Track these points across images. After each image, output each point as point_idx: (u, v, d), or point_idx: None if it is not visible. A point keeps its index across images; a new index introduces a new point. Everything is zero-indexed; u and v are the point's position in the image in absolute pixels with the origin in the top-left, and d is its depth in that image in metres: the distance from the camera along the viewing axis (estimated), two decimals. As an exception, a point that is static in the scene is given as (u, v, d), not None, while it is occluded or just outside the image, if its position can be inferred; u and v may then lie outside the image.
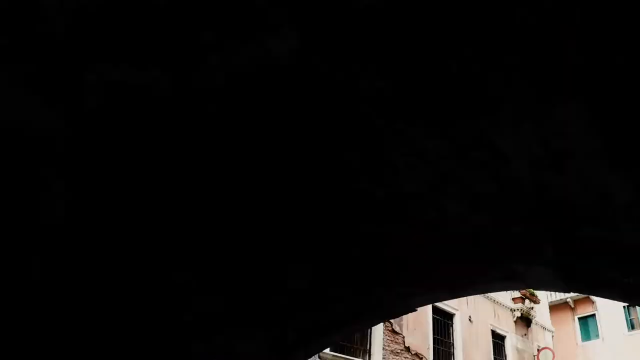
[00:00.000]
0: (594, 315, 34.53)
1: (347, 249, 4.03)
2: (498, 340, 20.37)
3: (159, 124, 2.55)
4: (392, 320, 13.98)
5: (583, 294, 4.83)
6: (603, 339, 33.65)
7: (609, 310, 33.49)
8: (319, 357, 11.28)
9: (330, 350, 11.76)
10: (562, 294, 34.31)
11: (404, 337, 14.35)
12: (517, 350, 21.79)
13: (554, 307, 30.93)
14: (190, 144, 2.70)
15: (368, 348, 13.26)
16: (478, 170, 2.64)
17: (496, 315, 20.53)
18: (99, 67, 2.22)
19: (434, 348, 15.67)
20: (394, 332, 14.02)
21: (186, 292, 4.35)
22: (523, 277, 4.46)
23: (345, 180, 2.97)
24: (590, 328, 34.57)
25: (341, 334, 6.31)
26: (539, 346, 24.15)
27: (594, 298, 33.90)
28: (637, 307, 32.77)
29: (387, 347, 13.61)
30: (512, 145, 2.35)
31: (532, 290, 23.40)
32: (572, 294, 33.09)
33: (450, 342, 17.01)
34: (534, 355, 23.48)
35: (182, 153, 2.80)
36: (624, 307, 33.13)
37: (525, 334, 23.08)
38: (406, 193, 2.96)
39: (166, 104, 2.41)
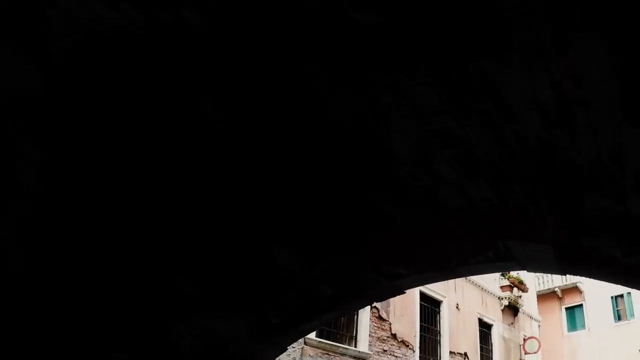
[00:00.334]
0: (581, 305, 34.65)
1: (332, 225, 3.77)
2: (485, 329, 20.23)
3: (134, 73, 2.27)
4: (378, 307, 13.76)
5: (578, 275, 4.58)
6: (589, 329, 33.79)
7: (596, 301, 33.63)
8: (305, 342, 11.05)
9: (316, 336, 11.52)
10: (550, 283, 34.39)
11: (390, 324, 14.14)
12: (504, 339, 21.68)
13: (542, 297, 30.93)
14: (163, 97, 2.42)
15: (354, 334, 13.04)
16: (478, 128, 2.37)
17: (484, 303, 20.38)
18: (62, 3, 1.94)
19: (420, 335, 15.48)
20: (380, 318, 13.80)
21: (165, 270, 4.09)
22: (518, 257, 4.21)
23: (330, 145, 2.71)
24: (577, 318, 34.71)
25: (327, 318, 6.05)
26: (525, 335, 24.07)
27: (582, 288, 34.05)
28: (624, 298, 32.94)
29: (373, 334, 13.40)
30: (520, 94, 2.08)
31: (520, 278, 23.33)
32: (560, 284, 33.38)
33: (437, 330, 16.83)
34: (520, 345, 23.40)
35: (156, 116, 2.54)
36: (611, 297, 33.27)
37: (512, 323, 22.98)
38: (397, 155, 2.68)
39: (141, 46, 2.13)
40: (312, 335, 11.33)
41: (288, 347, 10.65)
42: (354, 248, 4.09)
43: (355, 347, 12.78)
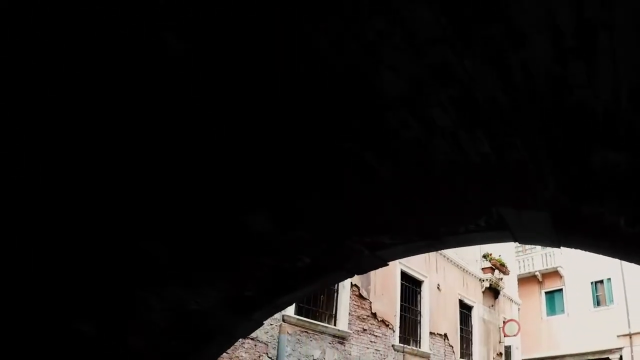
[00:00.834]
0: (561, 290, 34.89)
1: (309, 180, 3.45)
2: (465, 310, 20.10)
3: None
4: (359, 285, 13.51)
5: (574, 247, 4.29)
6: (568, 314, 34.06)
7: (576, 286, 33.90)
8: (283, 319, 10.77)
9: (295, 314, 11.26)
10: (531, 267, 34.49)
11: (370, 303, 13.89)
12: (484, 321, 21.59)
13: (522, 280, 30.99)
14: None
15: (334, 313, 12.77)
16: (480, 62, 2.05)
17: (465, 285, 20.23)
18: None
19: (400, 315, 15.25)
20: (360, 297, 13.55)
21: (132, 235, 3.76)
22: (511, 225, 3.91)
23: (309, 84, 2.37)
24: (557, 303, 34.97)
25: (305, 291, 5.76)
26: (505, 318, 24.04)
27: (562, 272, 34.24)
28: (604, 284, 33.16)
29: (353, 313, 13.14)
30: (533, 16, 1.75)
31: (502, 260, 23.23)
32: (541, 268, 33.44)
33: (418, 310, 16.62)
34: (500, 327, 23.36)
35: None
36: (591, 283, 33.54)
37: (492, 305, 22.91)
38: (384, 96, 2.35)
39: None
40: (291, 313, 11.06)
41: (265, 324, 10.38)
42: (334, 207, 3.77)
43: (335, 325, 12.51)
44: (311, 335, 11.56)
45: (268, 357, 10.34)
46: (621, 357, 31.57)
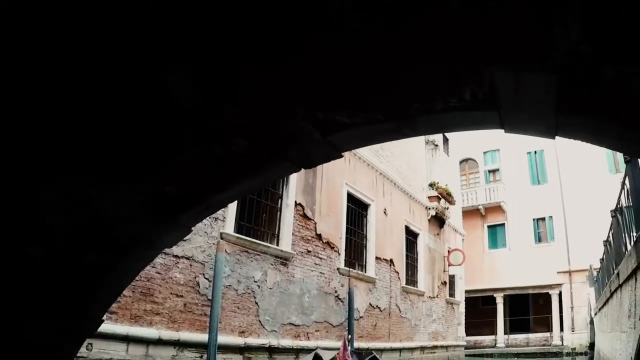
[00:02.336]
0: (503, 225, 35.47)
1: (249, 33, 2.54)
2: (411, 237, 19.78)
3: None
4: (304, 204, 12.78)
5: (572, 134, 3.50)
6: (510, 248, 34.74)
7: (518, 222, 34.66)
8: (221, 237, 9.93)
9: (234, 231, 10.42)
10: (474, 201, 34.72)
11: (315, 224, 13.20)
12: (429, 249, 21.37)
13: (466, 214, 31.10)
14: None
15: (276, 232, 12.02)
16: None
17: (411, 211, 19.83)
18: None
19: (346, 238, 14.68)
20: (305, 217, 12.82)
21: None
22: (503, 101, 3.08)
23: None
24: (499, 237, 35.64)
25: (243, 188, 4.81)
26: (449, 248, 23.98)
27: (505, 207, 34.72)
28: (545, 221, 33.69)
29: (297, 233, 12.43)
30: None
31: (449, 190, 22.96)
32: (484, 202, 33.70)
33: (364, 234, 16.09)
34: (444, 256, 23.27)
35: None
36: (533, 219, 34.33)
37: (437, 234, 22.70)
38: None
39: None
40: (230, 231, 10.25)
41: (202, 243, 9.52)
42: (279, 68, 2.86)
43: (277, 245, 11.80)
44: (252, 255, 10.80)
45: (205, 277, 9.51)
46: (560, 293, 32.47)
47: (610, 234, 11.95)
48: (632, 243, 7.60)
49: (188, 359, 9.02)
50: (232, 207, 10.41)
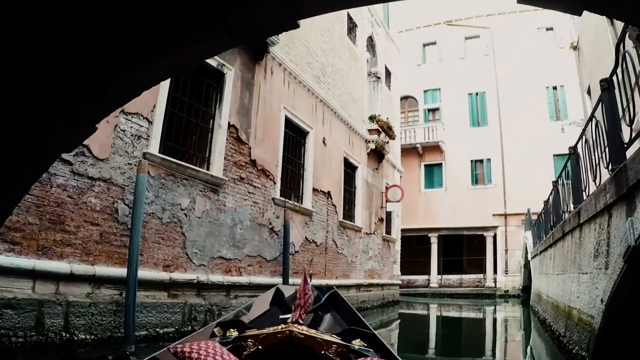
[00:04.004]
0: (440, 164, 35.39)
1: None
2: (349, 170, 19.00)
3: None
4: (238, 126, 11.65)
5: (597, 10, 2.60)
6: (446, 189, 34.84)
7: (456, 163, 34.80)
8: (144, 156, 8.72)
9: (159, 152, 9.17)
10: (412, 139, 34.37)
11: (250, 148, 12.10)
12: (367, 183, 20.69)
13: (403, 152, 30.62)
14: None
15: (207, 155, 10.85)
16: None
17: (351, 143, 18.98)
18: None
19: (283, 167, 13.66)
20: (239, 140, 11.70)
21: None
22: None
23: None
24: (435, 177, 35.69)
25: (160, 69, 3.71)
26: (387, 184, 23.39)
27: (443, 147, 34.55)
28: (483, 163, 33.85)
29: (229, 157, 11.31)
30: None
31: (390, 123, 22.21)
32: (422, 140, 33.47)
33: (301, 163, 15.12)
34: (382, 192, 22.67)
35: None
36: (471, 161, 34.44)
37: (376, 169, 22.04)
38: None
39: None
40: (155, 151, 9.04)
41: (122, 164, 8.31)
42: None
43: (208, 170, 10.65)
44: (179, 180, 9.66)
45: (124, 204, 8.32)
46: (495, 235, 32.80)
47: (564, 174, 11.45)
48: (595, 179, 7.09)
49: (105, 297, 7.79)
50: (158, 124, 9.19)
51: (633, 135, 5.33)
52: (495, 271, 32.75)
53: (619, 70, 5.75)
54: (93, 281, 7.61)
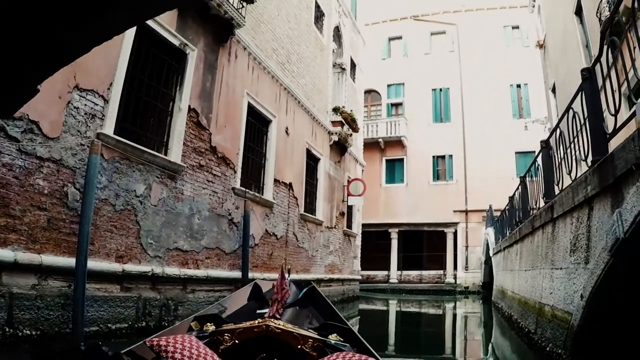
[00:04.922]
0: (402, 160, 35.34)
1: None
2: (312, 162, 18.59)
3: None
4: (198, 110, 11.13)
5: None
6: (407, 184, 34.77)
7: (417, 158, 34.75)
8: (98, 137, 8.15)
9: (115, 133, 8.60)
10: (374, 133, 34.15)
11: (210, 135, 11.58)
12: (330, 176, 20.33)
13: (365, 146, 30.32)
14: None
15: (165, 140, 10.30)
16: None
17: (314, 134, 18.59)
18: None
19: (244, 156, 13.17)
20: (199, 125, 11.18)
21: None
22: None
23: None
24: (396, 172, 35.62)
25: (114, 21, 3.26)
26: (349, 177, 23.08)
27: (405, 142, 34.63)
28: (445, 159, 33.87)
29: (189, 143, 10.79)
30: None
31: (354, 116, 21.95)
32: (384, 135, 33.29)
33: (263, 153, 14.64)
34: (344, 186, 22.37)
35: None
36: (433, 157, 34.43)
37: (338, 162, 21.70)
38: None
39: None
40: (110, 132, 8.45)
41: (74, 144, 7.73)
42: None
43: (165, 155, 10.10)
44: (134, 164, 9.11)
45: (75, 188, 7.73)
46: (456, 231, 32.83)
47: (532, 169, 11.26)
48: (570, 173, 6.89)
49: (53, 290, 7.16)
50: (114, 103, 8.61)
51: (618, 124, 5.09)
52: (455, 267, 32.83)
53: (602, 59, 5.53)
54: (39, 271, 6.98)
